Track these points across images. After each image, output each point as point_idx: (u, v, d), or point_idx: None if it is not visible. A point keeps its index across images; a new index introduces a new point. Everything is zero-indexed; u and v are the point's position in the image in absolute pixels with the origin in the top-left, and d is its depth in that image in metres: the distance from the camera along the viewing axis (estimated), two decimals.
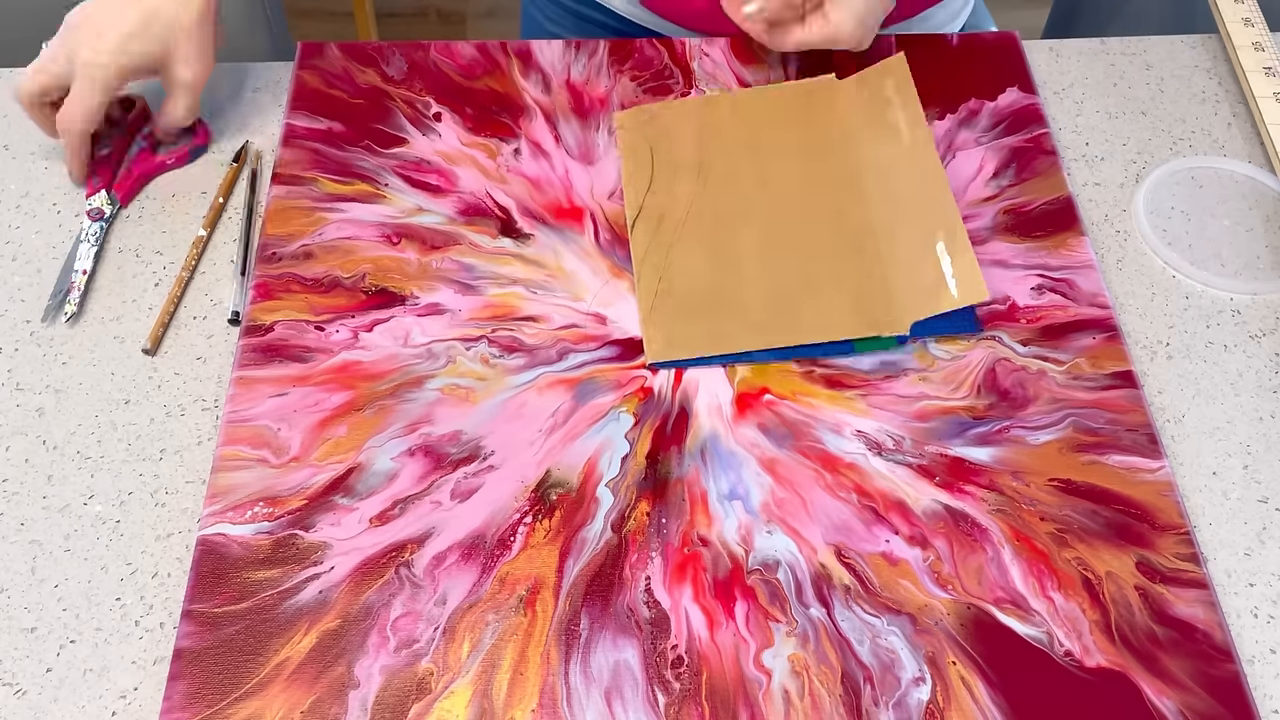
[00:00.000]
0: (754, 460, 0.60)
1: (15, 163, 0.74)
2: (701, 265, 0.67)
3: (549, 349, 0.64)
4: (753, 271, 0.66)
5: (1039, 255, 0.69)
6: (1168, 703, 0.53)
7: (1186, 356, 0.66)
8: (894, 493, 0.60)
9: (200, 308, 0.67)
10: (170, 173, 0.73)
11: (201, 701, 0.53)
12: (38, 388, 0.64)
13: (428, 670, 0.54)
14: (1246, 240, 0.72)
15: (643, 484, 0.60)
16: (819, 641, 0.55)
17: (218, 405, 0.63)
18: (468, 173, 0.72)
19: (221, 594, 0.55)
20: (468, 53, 0.79)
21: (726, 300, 0.65)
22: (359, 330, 0.65)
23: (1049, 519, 0.59)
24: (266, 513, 0.58)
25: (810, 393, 0.63)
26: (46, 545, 0.58)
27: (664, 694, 0.53)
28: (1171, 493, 0.60)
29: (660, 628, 0.55)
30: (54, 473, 0.61)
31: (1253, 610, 0.57)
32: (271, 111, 0.77)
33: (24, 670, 0.55)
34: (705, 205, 0.69)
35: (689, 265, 0.67)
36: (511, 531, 0.58)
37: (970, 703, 0.53)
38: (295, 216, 0.69)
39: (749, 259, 0.67)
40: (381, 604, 0.55)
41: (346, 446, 0.60)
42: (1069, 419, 0.62)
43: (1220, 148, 0.76)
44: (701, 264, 0.67)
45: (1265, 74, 0.78)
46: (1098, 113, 0.78)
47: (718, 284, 0.66)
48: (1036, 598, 0.56)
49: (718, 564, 0.57)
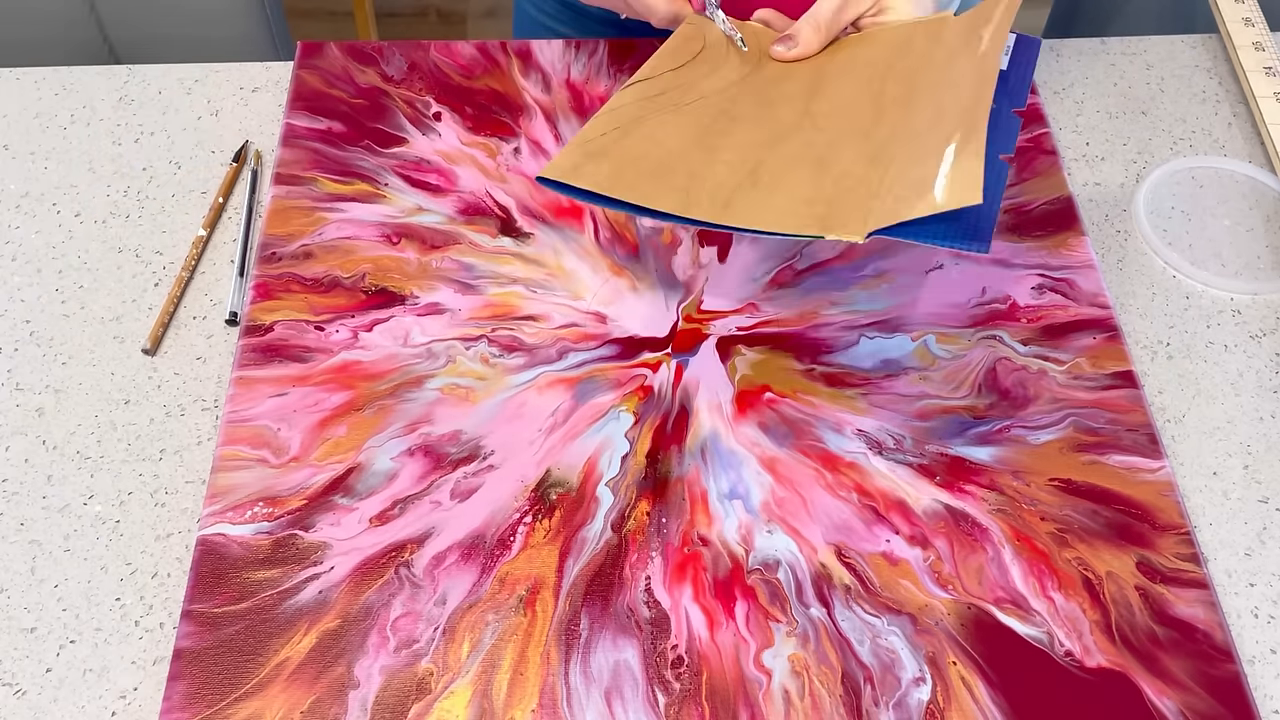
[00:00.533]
0: (754, 459, 0.60)
1: (15, 163, 0.74)
2: (673, 135, 0.62)
3: (549, 348, 0.64)
4: (732, 145, 0.61)
5: (1039, 255, 0.69)
6: (1168, 703, 0.53)
7: (1187, 356, 0.66)
8: (894, 492, 0.60)
9: (200, 308, 0.67)
10: (171, 173, 0.73)
11: (201, 701, 0.52)
12: (38, 388, 0.64)
13: (428, 670, 0.54)
14: (1247, 240, 0.72)
15: (643, 483, 0.60)
16: (819, 641, 0.55)
17: (217, 405, 0.63)
18: (467, 172, 0.72)
19: (221, 594, 0.55)
20: (468, 52, 0.79)
21: (669, 164, 0.60)
22: (359, 330, 0.65)
23: (1049, 519, 0.59)
24: (266, 513, 0.58)
25: (811, 391, 0.63)
26: (46, 545, 0.58)
27: (664, 694, 0.53)
28: (1172, 493, 0.60)
29: (660, 628, 0.55)
30: (54, 473, 0.61)
31: (1253, 610, 0.57)
32: (271, 111, 0.77)
33: (24, 670, 0.55)
34: (717, 102, 0.64)
35: (660, 131, 0.61)
36: (511, 531, 0.58)
37: (970, 703, 0.53)
38: (295, 216, 0.69)
39: (742, 138, 0.62)
40: (381, 604, 0.55)
41: (346, 446, 0.60)
42: (1069, 419, 0.62)
43: (1220, 148, 0.76)
44: (674, 134, 0.62)
45: (1265, 74, 0.78)
46: (1098, 112, 0.78)
47: (675, 151, 0.60)
48: (1037, 598, 0.56)
49: (718, 564, 0.57)
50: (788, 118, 0.64)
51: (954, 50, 0.64)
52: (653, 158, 0.60)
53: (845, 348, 0.65)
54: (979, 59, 0.61)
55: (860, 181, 0.58)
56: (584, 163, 0.59)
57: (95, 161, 0.74)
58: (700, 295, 0.67)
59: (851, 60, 0.67)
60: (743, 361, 0.64)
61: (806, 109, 0.65)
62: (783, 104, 0.65)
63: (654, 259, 0.69)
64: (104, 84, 0.78)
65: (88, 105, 0.77)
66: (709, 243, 0.69)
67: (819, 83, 0.66)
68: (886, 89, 0.64)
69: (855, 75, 0.66)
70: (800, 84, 0.66)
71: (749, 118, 0.64)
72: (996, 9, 0.64)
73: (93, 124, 0.76)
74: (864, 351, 0.65)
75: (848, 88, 0.65)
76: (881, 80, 0.65)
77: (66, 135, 0.75)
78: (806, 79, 0.67)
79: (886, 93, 0.64)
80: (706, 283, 0.68)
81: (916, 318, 0.66)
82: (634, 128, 0.62)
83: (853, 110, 0.64)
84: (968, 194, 0.51)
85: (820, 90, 0.66)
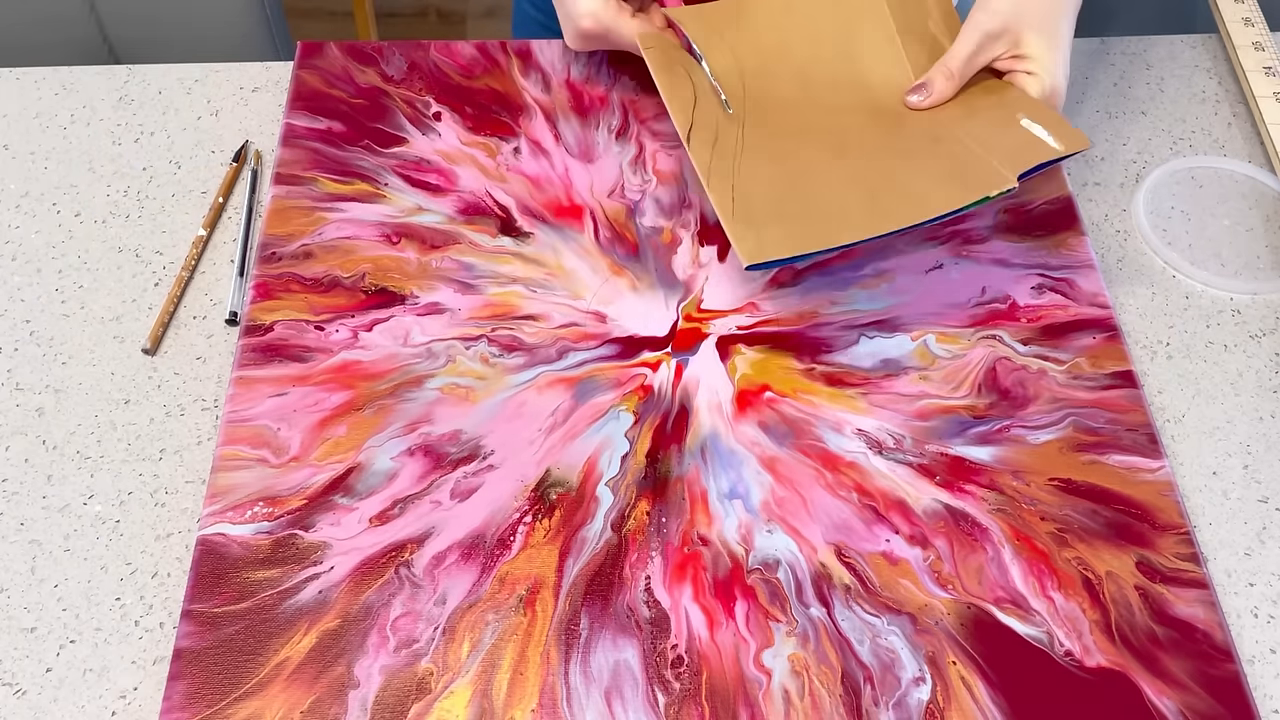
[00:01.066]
0: (754, 459, 0.60)
1: (15, 163, 0.74)
2: (771, 171, 0.65)
3: (549, 348, 0.64)
4: (827, 170, 0.65)
5: (1039, 255, 0.69)
6: (1168, 703, 0.53)
7: (1186, 356, 0.66)
8: (894, 492, 0.60)
9: (200, 307, 0.67)
10: (171, 173, 0.73)
11: (201, 701, 0.52)
12: (38, 388, 0.64)
13: (428, 670, 0.54)
14: (1246, 240, 0.72)
15: (643, 483, 0.60)
16: (819, 641, 0.55)
17: (217, 405, 0.63)
18: (467, 172, 0.72)
19: (221, 594, 0.55)
20: (468, 52, 0.79)
21: (809, 202, 0.63)
22: (359, 330, 0.65)
23: (1049, 519, 0.59)
24: (266, 512, 0.58)
25: (811, 390, 0.63)
26: (46, 545, 0.58)
27: (664, 694, 0.53)
28: (1171, 492, 0.60)
29: (660, 627, 0.55)
30: (54, 473, 0.61)
31: (1253, 610, 0.57)
32: (271, 111, 0.77)
33: (24, 670, 0.55)
34: (754, 113, 0.67)
35: (758, 172, 0.64)
36: (511, 531, 0.58)
37: (970, 702, 0.53)
38: (295, 216, 0.69)
39: (819, 160, 0.65)
40: (381, 604, 0.55)
41: (346, 446, 0.60)
42: (1069, 418, 0.62)
43: (1220, 147, 0.76)
44: (771, 170, 0.65)
45: (1265, 74, 0.78)
46: (1098, 112, 0.78)
47: (794, 188, 0.64)
48: (1037, 597, 0.56)
49: (718, 563, 0.57)
50: (854, 122, 0.68)
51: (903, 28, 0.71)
52: (803, 198, 0.63)
53: (845, 347, 0.65)
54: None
55: (954, 149, 0.65)
56: (763, 235, 0.61)
57: (95, 161, 0.74)
58: (700, 294, 0.67)
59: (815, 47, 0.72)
60: (743, 361, 0.64)
61: (862, 109, 0.69)
62: (842, 113, 0.69)
63: (654, 258, 0.69)
64: (104, 84, 0.78)
65: (88, 105, 0.77)
66: (709, 242, 0.69)
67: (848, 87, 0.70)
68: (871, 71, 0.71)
69: (827, 63, 0.71)
70: (843, 93, 0.70)
71: (823, 128, 0.68)
72: (935, 6, 0.71)
73: (93, 124, 0.76)
74: (864, 351, 0.65)
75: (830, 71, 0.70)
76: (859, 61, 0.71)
77: (66, 135, 0.75)
78: (845, 88, 0.70)
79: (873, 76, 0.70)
80: (706, 282, 0.68)
81: (916, 317, 0.66)
82: (742, 184, 0.64)
83: (859, 100, 0.69)
84: (1077, 140, 0.63)
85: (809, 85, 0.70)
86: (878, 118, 0.68)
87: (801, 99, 0.69)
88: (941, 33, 0.71)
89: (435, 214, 0.70)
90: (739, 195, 0.63)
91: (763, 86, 0.69)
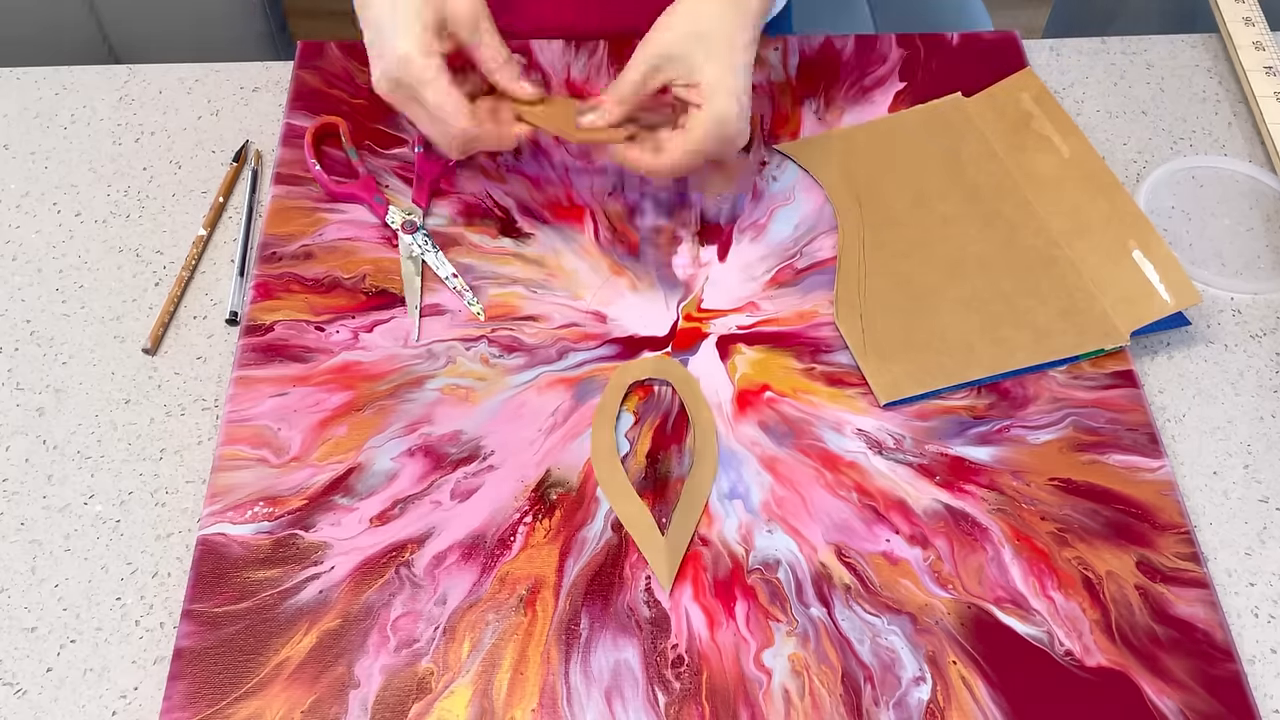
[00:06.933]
0: (754, 459, 0.60)
1: (15, 162, 0.74)
2: (895, 298, 0.66)
3: (549, 348, 0.64)
4: (947, 292, 0.66)
5: None
6: (1168, 702, 0.53)
7: (1187, 356, 0.66)
8: (894, 492, 0.60)
9: (200, 307, 0.67)
10: (172, 173, 0.73)
11: (201, 701, 0.53)
12: (38, 387, 0.64)
13: (428, 670, 0.54)
14: (1247, 240, 0.72)
15: (643, 483, 0.60)
16: (819, 641, 0.55)
17: (218, 405, 0.63)
18: (467, 172, 0.72)
19: (221, 594, 0.55)
20: None
21: (933, 332, 0.64)
22: (359, 330, 0.65)
23: (1049, 518, 0.59)
24: (266, 512, 0.58)
25: (811, 390, 0.63)
26: (46, 545, 0.58)
27: (664, 693, 0.53)
28: (1172, 492, 0.60)
29: (660, 627, 0.55)
30: (54, 472, 0.61)
31: (1253, 610, 0.57)
32: (271, 111, 0.77)
33: (24, 670, 0.55)
34: (873, 235, 0.69)
35: (883, 301, 0.66)
36: (511, 531, 0.58)
37: (970, 702, 0.53)
38: (295, 216, 0.69)
39: (938, 282, 0.66)
40: (382, 604, 0.55)
41: (346, 446, 0.60)
42: (1069, 418, 0.62)
43: (1221, 147, 0.76)
44: (894, 297, 0.66)
45: (1266, 73, 0.78)
46: (1098, 112, 0.78)
47: (918, 316, 0.65)
48: (1037, 597, 0.56)
49: (718, 563, 0.57)
50: (968, 234, 0.69)
51: (1008, 134, 0.73)
52: (927, 329, 0.65)
53: (845, 347, 0.65)
54: (1069, 161, 0.70)
55: (1069, 290, 0.66)
56: (895, 373, 0.63)
57: (95, 161, 0.74)
58: (700, 294, 0.67)
59: (925, 165, 0.73)
60: (743, 360, 0.64)
61: (975, 219, 0.70)
62: (955, 224, 0.69)
63: (654, 258, 0.68)
64: (104, 84, 0.78)
65: (88, 105, 0.77)
66: (709, 241, 0.69)
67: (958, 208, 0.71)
68: (983, 187, 0.71)
69: (938, 180, 0.72)
70: (953, 203, 0.71)
71: (938, 241, 0.69)
72: (1034, 105, 0.73)
73: (93, 124, 0.76)
74: None
75: (941, 188, 0.71)
76: (969, 176, 0.72)
77: (66, 135, 0.75)
78: (955, 199, 0.71)
79: (985, 191, 0.71)
80: (706, 282, 0.68)
81: None
82: (869, 313, 0.65)
83: (973, 219, 0.70)
84: (1189, 295, 0.64)
85: (923, 204, 0.71)
86: (990, 228, 0.69)
87: (915, 213, 0.70)
88: (1049, 131, 0.72)
89: (436, 215, 0.70)
90: (867, 326, 0.64)
91: (876, 203, 0.70)
